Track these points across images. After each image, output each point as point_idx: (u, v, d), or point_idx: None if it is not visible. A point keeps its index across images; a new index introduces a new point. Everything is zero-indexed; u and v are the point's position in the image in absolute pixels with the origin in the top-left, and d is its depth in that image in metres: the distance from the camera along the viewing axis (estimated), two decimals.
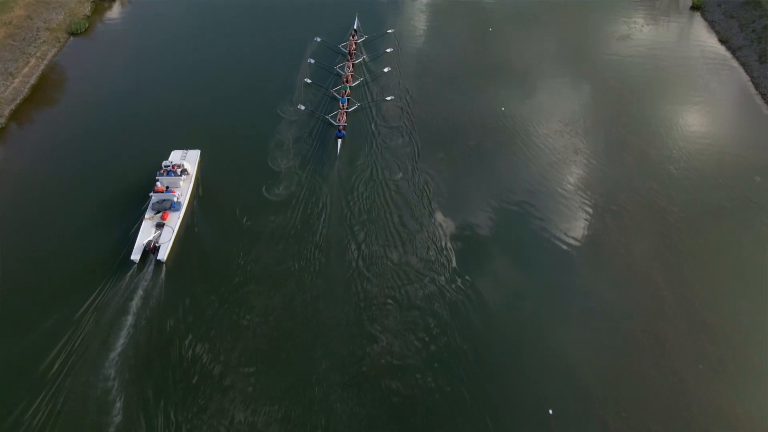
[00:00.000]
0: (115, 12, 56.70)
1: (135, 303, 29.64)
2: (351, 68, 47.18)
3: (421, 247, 33.16)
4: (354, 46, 49.81)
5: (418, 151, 39.61)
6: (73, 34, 51.36)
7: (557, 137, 41.47)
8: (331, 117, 42.17)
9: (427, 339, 28.68)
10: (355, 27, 52.63)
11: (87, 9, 54.93)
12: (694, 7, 57.19)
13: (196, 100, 45.02)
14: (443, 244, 33.34)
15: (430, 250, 33.01)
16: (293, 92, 45.31)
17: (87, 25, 52.63)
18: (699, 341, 28.84)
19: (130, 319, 28.80)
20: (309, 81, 46.07)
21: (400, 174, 37.78)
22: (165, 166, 36.26)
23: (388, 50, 49.99)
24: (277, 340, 28.73)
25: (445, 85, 46.73)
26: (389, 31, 52.84)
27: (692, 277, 32.02)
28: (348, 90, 44.50)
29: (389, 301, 30.42)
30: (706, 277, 31.97)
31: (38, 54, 47.72)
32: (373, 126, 42.05)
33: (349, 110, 42.94)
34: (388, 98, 44.11)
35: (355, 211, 35.49)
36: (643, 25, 55.49)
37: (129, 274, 31.10)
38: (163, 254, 32.00)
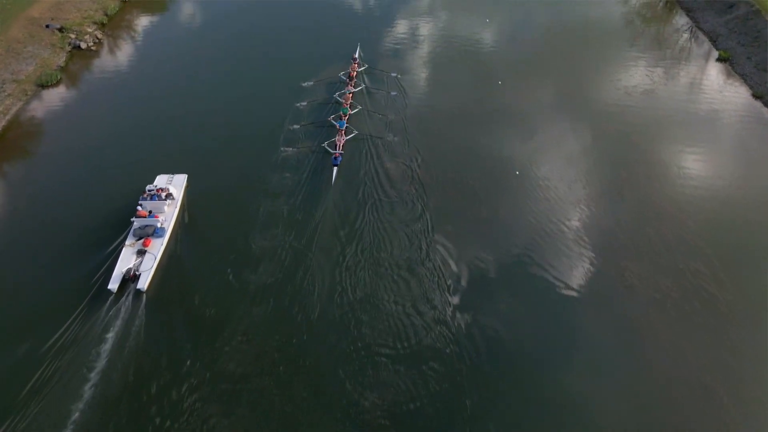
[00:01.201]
0: (92, 62, 52.05)
1: (110, 337, 26.85)
2: (351, 95, 45.49)
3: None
4: (355, 72, 48.51)
5: (431, 225, 34.14)
6: (43, 86, 46.67)
7: (582, 208, 36.00)
8: (328, 144, 40.10)
9: None
10: (356, 55, 51.32)
11: (61, 59, 50.36)
12: (721, 59, 52.84)
13: (186, 125, 43.12)
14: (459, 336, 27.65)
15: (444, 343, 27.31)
16: (288, 119, 43.42)
17: (59, 77, 47.91)
18: None
19: (102, 356, 26.05)
20: (304, 109, 44.75)
21: (407, 254, 32.37)
22: (149, 190, 34.30)
23: (393, 93, 47.37)
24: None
25: (453, 142, 41.75)
26: (393, 74, 50.00)
27: (761, 390, 26.07)
28: (348, 113, 42.64)
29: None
30: None
31: (1, 109, 43.00)
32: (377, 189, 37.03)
33: (348, 137, 40.78)
34: (393, 138, 41.61)
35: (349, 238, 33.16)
36: (667, 78, 50.91)
37: (105, 305, 28.40)
38: (143, 283, 29.69)
